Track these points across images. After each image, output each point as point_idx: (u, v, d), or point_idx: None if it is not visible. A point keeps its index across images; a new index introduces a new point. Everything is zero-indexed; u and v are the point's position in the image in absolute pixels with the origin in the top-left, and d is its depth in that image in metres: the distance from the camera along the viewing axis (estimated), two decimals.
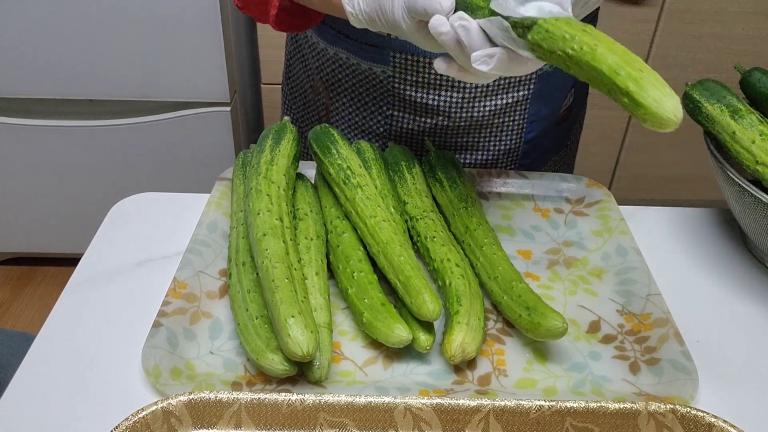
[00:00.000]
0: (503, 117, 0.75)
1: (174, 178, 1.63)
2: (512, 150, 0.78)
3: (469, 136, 0.76)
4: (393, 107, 0.75)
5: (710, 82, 0.66)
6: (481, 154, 0.78)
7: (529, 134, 0.78)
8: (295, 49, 0.83)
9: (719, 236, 0.70)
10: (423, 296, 0.51)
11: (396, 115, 0.75)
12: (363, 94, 0.75)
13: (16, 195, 1.64)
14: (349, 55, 0.73)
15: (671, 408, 0.45)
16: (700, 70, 1.68)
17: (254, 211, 0.57)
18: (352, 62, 0.73)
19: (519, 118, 0.76)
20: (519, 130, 0.77)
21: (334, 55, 0.74)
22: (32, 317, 1.69)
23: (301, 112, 0.86)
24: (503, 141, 0.77)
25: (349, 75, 0.75)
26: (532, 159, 0.81)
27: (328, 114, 0.80)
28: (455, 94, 0.72)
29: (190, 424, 0.45)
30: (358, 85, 0.75)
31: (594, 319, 0.58)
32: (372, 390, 0.49)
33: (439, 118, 0.74)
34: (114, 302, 0.58)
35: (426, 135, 0.76)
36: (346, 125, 0.79)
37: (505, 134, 0.77)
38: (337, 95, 0.78)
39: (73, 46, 1.43)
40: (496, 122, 0.75)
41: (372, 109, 0.76)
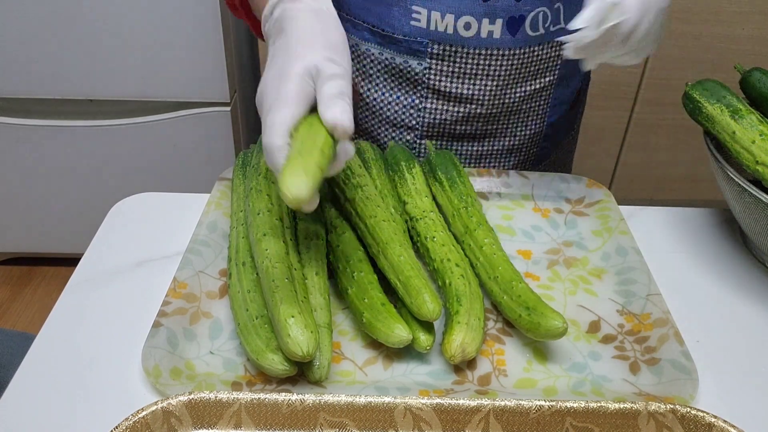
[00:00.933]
0: (530, 102, 0.77)
1: (174, 178, 1.63)
2: (536, 134, 0.81)
3: (499, 123, 0.78)
4: (426, 99, 0.75)
5: (710, 82, 0.66)
6: (508, 140, 0.80)
7: (551, 118, 0.80)
8: None
9: (719, 236, 0.70)
10: (423, 296, 0.51)
11: (429, 107, 0.76)
12: (395, 88, 0.76)
13: (16, 195, 1.64)
14: (382, 50, 0.74)
15: (671, 408, 0.45)
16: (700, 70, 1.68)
17: (254, 210, 0.57)
18: (385, 57, 0.74)
19: (544, 103, 0.78)
20: (543, 114, 0.79)
21: (365, 51, 0.75)
22: (32, 317, 1.69)
23: None
24: (529, 126, 0.79)
25: (380, 70, 0.76)
26: (550, 142, 0.83)
27: (355, 109, 0.81)
28: (489, 82, 0.73)
29: (190, 424, 0.45)
30: (390, 79, 0.76)
31: (594, 319, 0.58)
32: (372, 390, 0.49)
33: (471, 106, 0.75)
34: (114, 302, 0.58)
35: (458, 124, 0.77)
36: (376, 120, 0.80)
37: (531, 119, 0.79)
38: (367, 91, 0.78)
39: (73, 46, 1.43)
40: (524, 107, 0.77)
41: (404, 103, 0.76)
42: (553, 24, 0.72)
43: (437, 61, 0.72)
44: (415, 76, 0.74)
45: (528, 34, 0.71)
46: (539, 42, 0.72)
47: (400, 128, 0.79)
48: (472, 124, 0.77)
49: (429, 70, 0.73)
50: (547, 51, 0.73)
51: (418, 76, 0.74)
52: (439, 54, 0.72)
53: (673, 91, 1.73)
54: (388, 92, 0.77)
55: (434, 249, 0.59)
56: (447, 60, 0.72)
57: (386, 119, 0.79)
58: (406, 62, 0.73)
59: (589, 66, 0.58)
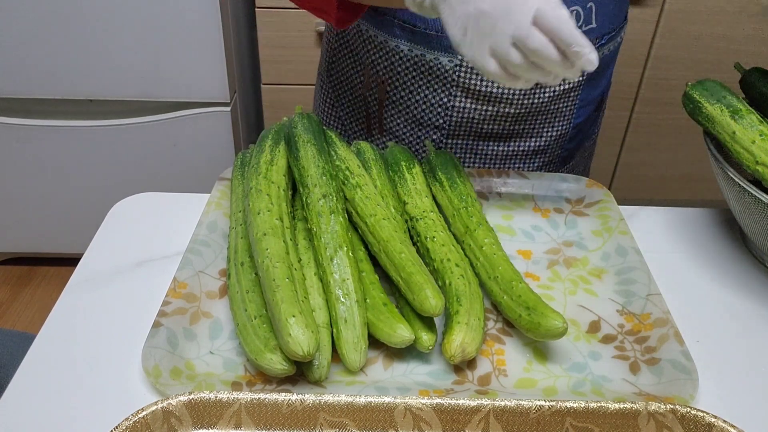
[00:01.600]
0: (558, 103, 0.77)
1: (174, 178, 1.63)
2: (563, 135, 0.81)
3: (526, 123, 0.78)
4: (455, 98, 0.75)
5: (710, 82, 0.66)
6: (535, 141, 0.80)
7: (578, 119, 0.81)
8: (342, 44, 0.83)
9: (719, 236, 0.70)
10: (425, 291, 0.51)
11: (457, 105, 0.76)
12: (423, 86, 0.76)
13: (16, 195, 1.64)
14: (411, 47, 0.74)
15: (671, 408, 0.45)
16: (700, 70, 1.68)
17: (254, 210, 0.57)
18: (415, 54, 0.74)
19: (571, 103, 0.78)
20: (570, 114, 0.79)
21: (394, 48, 0.75)
22: (32, 317, 1.69)
23: (347, 109, 0.86)
24: (555, 127, 0.80)
25: (409, 68, 0.75)
26: (575, 144, 0.84)
27: (381, 109, 0.81)
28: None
29: (190, 424, 0.45)
30: (419, 77, 0.76)
31: (594, 319, 0.58)
32: (372, 390, 0.49)
33: (500, 105, 0.75)
34: (114, 302, 0.58)
35: (485, 123, 0.77)
36: (403, 119, 0.80)
37: (558, 119, 0.79)
38: (395, 89, 0.78)
39: (73, 46, 1.43)
40: (552, 108, 0.78)
41: (432, 101, 0.76)
42: (585, 23, 0.72)
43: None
44: (445, 73, 0.74)
45: None
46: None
47: (427, 127, 0.79)
48: (500, 123, 0.77)
49: (460, 68, 0.73)
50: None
51: (448, 73, 0.74)
52: None
53: (673, 91, 1.73)
54: (416, 90, 0.77)
55: (434, 249, 0.59)
56: None
57: (413, 118, 0.79)
58: (437, 59, 0.73)
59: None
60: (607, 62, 0.79)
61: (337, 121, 0.87)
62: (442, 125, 0.78)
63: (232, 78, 1.55)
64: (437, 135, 0.79)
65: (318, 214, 0.57)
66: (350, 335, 0.51)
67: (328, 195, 0.58)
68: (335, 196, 0.58)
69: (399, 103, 0.79)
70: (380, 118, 0.81)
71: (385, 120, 0.81)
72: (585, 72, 0.62)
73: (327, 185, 0.59)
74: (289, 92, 1.68)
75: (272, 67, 1.64)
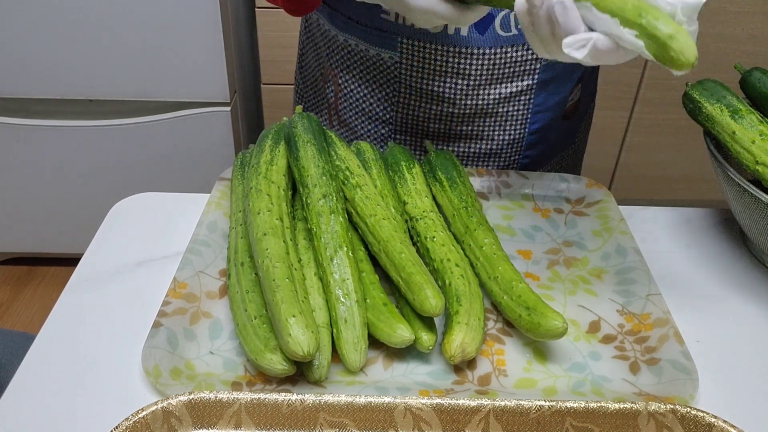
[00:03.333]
0: (507, 106, 0.76)
1: (174, 178, 1.63)
2: (517, 140, 0.79)
3: (474, 125, 0.77)
4: (399, 94, 0.75)
5: (710, 82, 0.66)
6: (485, 144, 0.79)
7: (534, 125, 0.78)
8: (308, 38, 0.84)
9: (719, 236, 0.70)
10: (425, 291, 0.51)
11: (402, 102, 0.76)
12: (370, 80, 0.76)
13: (16, 195, 1.64)
14: (358, 41, 0.74)
15: (671, 408, 0.45)
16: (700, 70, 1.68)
17: (254, 210, 0.57)
18: (361, 48, 0.74)
19: (524, 108, 0.77)
20: (523, 120, 0.78)
21: (343, 42, 0.75)
22: (32, 317, 1.69)
23: (313, 101, 0.87)
24: (507, 131, 0.78)
25: (357, 61, 0.76)
26: (538, 152, 0.81)
27: (336, 101, 0.81)
28: (461, 81, 0.73)
29: (190, 424, 0.45)
30: (366, 71, 0.76)
31: (594, 319, 0.58)
32: (372, 390, 0.49)
33: (444, 105, 0.75)
34: (114, 302, 0.58)
35: (431, 122, 0.77)
36: (354, 112, 0.80)
37: (509, 124, 0.78)
38: (345, 82, 0.79)
39: (73, 46, 1.44)
40: (501, 111, 0.76)
41: (379, 96, 0.77)
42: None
43: (408, 56, 0.72)
44: (387, 69, 0.74)
45: (499, 34, 0.70)
46: (512, 43, 0.70)
47: (375, 121, 0.79)
48: (446, 123, 0.77)
49: (400, 65, 0.73)
50: (522, 53, 0.72)
51: (390, 69, 0.74)
52: (409, 49, 0.71)
53: (673, 91, 1.73)
54: (364, 84, 0.77)
55: (434, 249, 0.59)
56: (417, 55, 0.72)
57: (362, 111, 0.79)
58: (379, 55, 0.73)
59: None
60: (565, 67, 0.76)
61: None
62: (389, 120, 0.78)
63: (232, 78, 1.55)
64: (386, 129, 0.79)
65: (318, 214, 0.57)
66: (350, 335, 0.51)
67: (328, 195, 0.58)
68: (335, 196, 0.58)
69: (350, 96, 0.79)
70: (337, 110, 0.82)
71: (341, 112, 0.81)
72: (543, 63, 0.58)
73: (327, 185, 0.59)
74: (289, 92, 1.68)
75: (272, 67, 1.64)
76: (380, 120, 0.78)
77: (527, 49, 0.72)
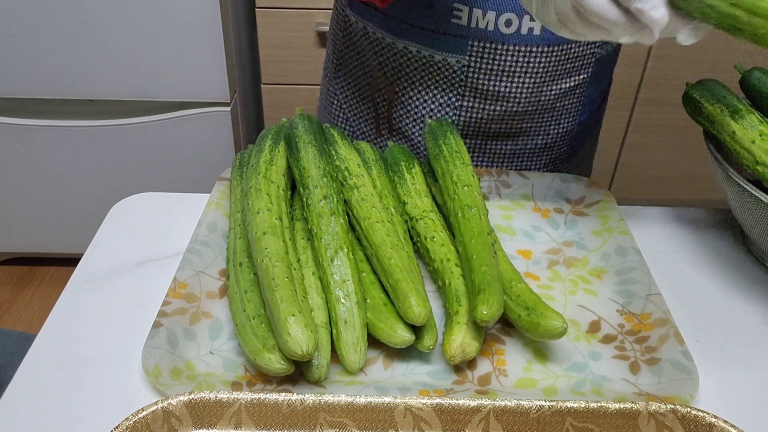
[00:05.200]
0: (564, 100, 0.78)
1: (174, 178, 1.63)
2: (568, 132, 0.81)
3: (533, 121, 0.78)
4: (463, 98, 0.76)
5: (710, 82, 0.66)
6: (541, 138, 0.80)
7: (583, 116, 0.81)
8: (348, 47, 0.83)
9: (719, 236, 0.70)
10: (409, 300, 0.51)
11: (465, 105, 0.76)
12: (432, 86, 0.76)
13: (16, 195, 1.64)
14: (420, 48, 0.74)
15: (671, 408, 0.45)
16: (700, 70, 1.68)
17: (254, 209, 0.57)
18: (423, 54, 0.74)
19: (577, 101, 0.79)
20: (575, 112, 0.80)
21: (403, 49, 0.75)
22: (32, 317, 1.69)
23: (354, 110, 0.86)
24: (561, 124, 0.80)
25: (418, 68, 0.76)
26: (579, 141, 0.84)
27: (389, 109, 0.81)
28: (527, 79, 0.74)
29: (190, 424, 0.45)
30: (428, 77, 0.76)
31: (594, 319, 0.58)
32: (372, 390, 0.49)
33: (508, 104, 0.76)
34: (114, 302, 0.58)
35: (493, 123, 0.77)
36: (411, 119, 0.80)
37: (563, 117, 0.79)
38: (402, 89, 0.78)
39: (73, 46, 1.44)
40: (558, 105, 0.78)
41: (440, 101, 0.77)
42: None
43: (476, 58, 0.73)
44: (453, 74, 0.74)
45: None
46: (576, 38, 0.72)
47: None
48: (507, 122, 0.77)
49: (468, 68, 0.73)
50: (582, 48, 0.74)
51: (456, 74, 0.74)
52: (479, 51, 0.72)
53: (673, 91, 1.74)
54: (424, 90, 0.77)
55: (434, 249, 0.59)
56: (486, 57, 0.72)
57: (422, 118, 0.79)
58: (445, 60, 0.73)
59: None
60: (608, 60, 0.80)
61: (345, 122, 0.88)
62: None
63: (232, 78, 1.55)
64: None
65: (319, 215, 0.57)
66: (350, 336, 0.51)
67: (328, 196, 0.58)
68: (336, 198, 0.58)
69: (408, 104, 0.79)
70: (389, 118, 0.82)
71: (394, 120, 0.81)
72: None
73: (328, 186, 0.59)
74: (289, 92, 1.68)
75: (272, 67, 1.64)
76: None
77: (587, 44, 0.74)
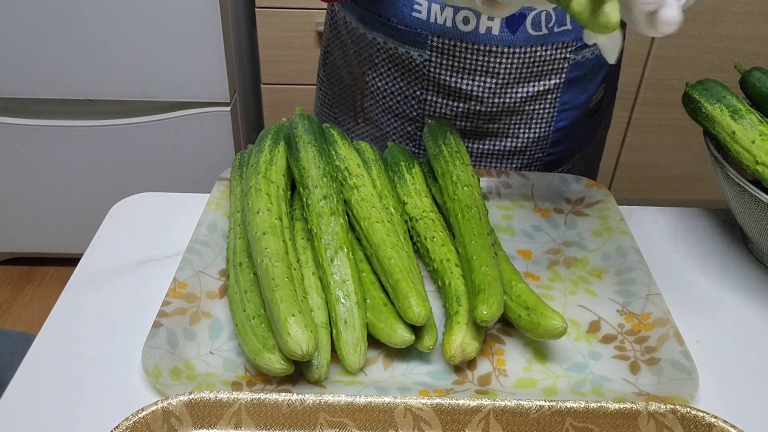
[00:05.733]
0: (534, 104, 0.76)
1: (174, 178, 1.63)
2: (542, 138, 0.79)
3: (501, 123, 0.77)
4: (427, 92, 0.76)
5: (710, 82, 0.66)
6: (511, 141, 0.79)
7: (560, 123, 0.79)
8: (334, 36, 0.84)
9: (719, 236, 0.70)
10: (409, 300, 0.51)
11: (430, 99, 0.76)
12: (398, 78, 0.77)
13: (16, 195, 1.64)
14: (386, 39, 0.74)
15: (671, 408, 0.45)
16: (700, 70, 1.68)
17: (253, 209, 0.57)
18: (390, 46, 0.74)
19: (550, 106, 0.77)
20: (549, 118, 0.78)
21: (372, 40, 0.76)
22: (32, 317, 1.69)
23: (338, 99, 0.87)
24: (533, 129, 0.78)
25: (385, 60, 0.76)
26: (562, 149, 0.82)
27: (363, 99, 0.81)
28: (489, 79, 0.73)
29: (190, 424, 0.45)
30: (394, 69, 0.76)
31: (594, 319, 0.58)
32: (372, 390, 0.49)
33: (471, 103, 0.75)
34: (114, 302, 0.58)
35: (458, 120, 0.77)
36: (381, 110, 0.80)
37: (535, 122, 0.78)
38: (373, 80, 0.79)
39: (73, 46, 1.44)
40: (527, 109, 0.77)
41: (406, 94, 0.77)
42: (557, 25, 0.71)
43: (437, 53, 0.72)
44: (416, 67, 0.74)
45: (529, 33, 0.70)
46: (542, 42, 0.71)
47: (402, 119, 0.79)
48: (472, 121, 0.77)
49: (429, 62, 0.73)
50: (551, 52, 0.72)
51: (419, 67, 0.74)
52: (439, 47, 0.72)
53: (673, 91, 1.73)
54: (392, 82, 0.77)
55: (434, 249, 0.59)
56: (447, 53, 0.72)
57: (389, 109, 0.79)
58: (408, 53, 0.73)
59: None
60: (592, 66, 0.76)
61: (331, 115, 0.89)
62: (416, 118, 0.78)
63: (232, 78, 1.55)
64: (412, 127, 0.79)
65: (318, 215, 0.57)
66: (350, 336, 0.51)
67: (328, 196, 0.58)
68: (336, 198, 0.58)
69: (377, 94, 0.79)
70: (363, 107, 0.82)
71: (367, 110, 0.82)
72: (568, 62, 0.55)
73: (328, 186, 0.59)
74: (289, 92, 1.68)
75: (272, 67, 1.64)
76: (407, 118, 0.79)
77: (556, 48, 0.72)
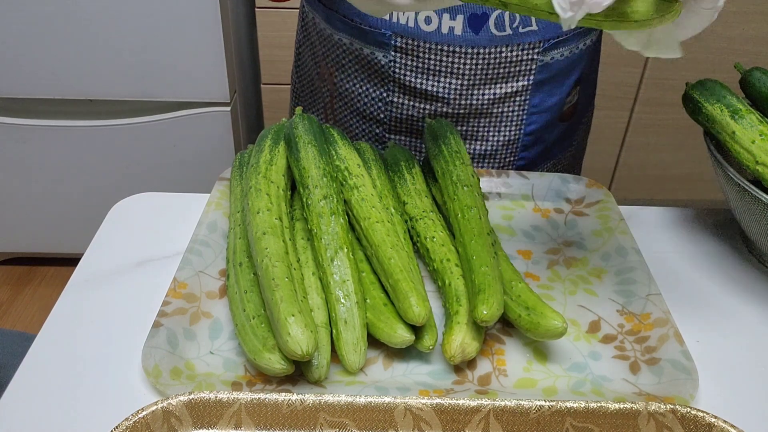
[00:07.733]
0: (502, 106, 0.75)
1: (174, 178, 1.63)
2: (512, 142, 0.78)
3: (469, 125, 0.77)
4: (393, 93, 0.75)
5: (710, 82, 0.66)
6: (480, 144, 0.78)
7: (530, 126, 0.78)
8: (305, 37, 0.84)
9: (719, 236, 0.70)
10: (409, 300, 0.51)
11: (396, 101, 0.76)
12: (365, 80, 0.76)
13: (16, 195, 1.64)
14: (352, 40, 0.74)
15: (671, 408, 0.45)
16: (700, 70, 1.68)
17: (253, 209, 0.57)
18: (355, 47, 0.74)
19: (519, 109, 0.76)
20: (519, 121, 0.77)
21: (338, 41, 0.75)
22: (32, 317, 1.69)
23: (309, 100, 0.87)
24: (502, 132, 0.78)
25: (351, 60, 0.76)
26: (534, 154, 0.81)
27: (332, 100, 0.81)
28: (454, 80, 0.73)
29: (190, 424, 0.45)
30: (360, 70, 0.76)
31: (594, 319, 0.58)
32: (372, 390, 0.49)
33: (438, 104, 0.75)
34: (114, 302, 0.58)
35: (424, 122, 0.76)
36: (349, 111, 0.80)
37: (504, 125, 0.77)
38: (340, 81, 0.79)
39: (73, 46, 1.44)
40: (496, 111, 0.76)
41: (373, 95, 0.77)
42: (522, 25, 0.69)
43: (401, 54, 0.72)
44: (381, 68, 0.74)
45: (493, 33, 0.69)
46: (507, 43, 0.70)
47: (369, 121, 0.79)
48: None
49: (393, 63, 0.73)
50: (517, 53, 0.71)
51: (384, 68, 0.74)
52: (403, 47, 0.71)
53: (673, 91, 1.74)
54: (358, 83, 0.77)
55: (434, 249, 0.59)
56: (410, 54, 0.72)
57: (356, 110, 0.79)
58: (373, 53, 0.73)
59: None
60: (561, 68, 0.75)
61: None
62: (383, 120, 0.78)
63: (232, 78, 1.55)
64: (380, 129, 0.79)
65: (319, 215, 0.57)
66: (350, 337, 0.51)
67: (329, 196, 0.58)
68: (336, 198, 0.58)
69: (344, 96, 0.79)
70: (332, 109, 0.82)
71: (336, 111, 0.81)
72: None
73: (328, 186, 0.59)
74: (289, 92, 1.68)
75: (272, 67, 1.64)
76: (374, 119, 0.78)
77: (522, 49, 0.71)
